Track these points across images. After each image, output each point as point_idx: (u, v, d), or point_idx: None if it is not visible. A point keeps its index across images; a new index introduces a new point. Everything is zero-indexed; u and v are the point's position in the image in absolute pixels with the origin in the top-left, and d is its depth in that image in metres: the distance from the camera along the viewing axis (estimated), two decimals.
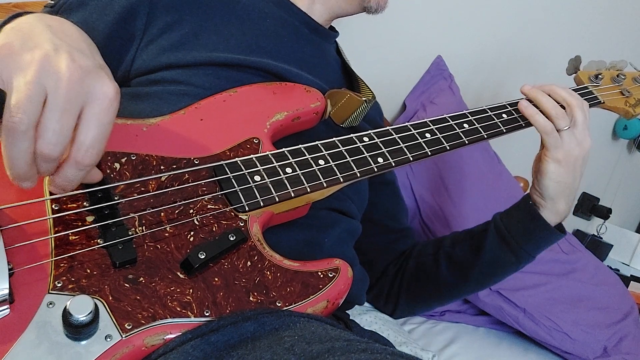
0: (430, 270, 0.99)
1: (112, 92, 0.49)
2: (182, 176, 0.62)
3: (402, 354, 0.49)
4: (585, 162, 0.88)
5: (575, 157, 0.86)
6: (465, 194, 1.45)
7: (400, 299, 1.05)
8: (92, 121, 0.48)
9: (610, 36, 2.35)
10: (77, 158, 0.48)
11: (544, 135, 0.85)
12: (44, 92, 0.46)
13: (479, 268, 0.94)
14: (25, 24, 0.53)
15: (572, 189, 0.88)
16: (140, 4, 0.75)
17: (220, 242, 0.59)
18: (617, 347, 1.48)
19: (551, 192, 0.87)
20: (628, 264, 2.70)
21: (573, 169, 0.86)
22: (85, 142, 0.48)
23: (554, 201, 0.88)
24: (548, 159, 0.86)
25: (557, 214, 0.89)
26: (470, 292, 1.04)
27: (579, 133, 0.86)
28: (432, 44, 1.74)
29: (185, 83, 0.73)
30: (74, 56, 0.49)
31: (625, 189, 2.87)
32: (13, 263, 0.50)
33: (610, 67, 1.05)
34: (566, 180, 0.86)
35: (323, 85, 0.84)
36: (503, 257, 0.92)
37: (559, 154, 0.85)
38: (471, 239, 0.96)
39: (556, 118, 0.85)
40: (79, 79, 0.47)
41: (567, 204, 0.89)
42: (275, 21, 0.84)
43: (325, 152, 0.70)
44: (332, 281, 0.61)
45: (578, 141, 0.86)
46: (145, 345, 0.51)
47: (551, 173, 0.86)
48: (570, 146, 0.85)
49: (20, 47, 0.48)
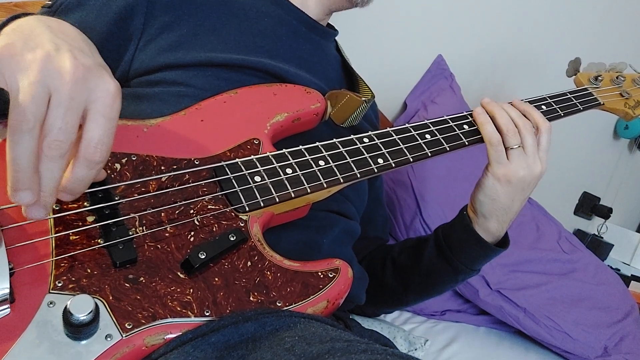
0: (378, 274, 0.97)
1: (114, 88, 0.49)
2: (183, 176, 0.63)
3: (402, 354, 0.49)
4: (531, 188, 0.82)
5: (518, 179, 0.80)
6: (466, 193, 1.45)
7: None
8: (98, 117, 0.48)
9: (610, 38, 2.35)
10: (87, 155, 0.48)
11: (489, 147, 0.81)
12: (48, 91, 0.46)
13: (418, 277, 0.92)
14: (26, 25, 0.53)
15: (507, 212, 0.82)
16: (138, 4, 0.75)
17: (220, 242, 0.59)
18: (618, 346, 1.48)
19: (484, 209, 0.83)
20: (629, 263, 2.70)
21: (513, 190, 0.81)
22: (94, 138, 0.48)
23: (485, 219, 0.84)
24: (487, 173, 0.82)
25: (487, 232, 0.85)
26: (412, 300, 1.00)
27: (529, 157, 0.81)
28: (433, 43, 1.74)
29: (185, 84, 0.73)
30: (75, 55, 0.49)
31: (626, 189, 2.87)
32: (14, 263, 0.50)
33: (609, 69, 1.05)
34: (503, 200, 0.81)
35: (322, 85, 0.84)
36: (440, 268, 0.89)
37: (499, 171, 0.80)
38: (415, 247, 0.94)
39: (506, 134, 0.80)
40: (82, 77, 0.47)
41: (500, 225, 0.84)
42: (273, 20, 0.84)
43: (325, 153, 0.70)
44: (332, 281, 0.61)
45: (527, 164, 0.80)
46: (146, 345, 0.51)
47: (487, 189, 0.82)
48: (516, 167, 0.80)
49: (22, 48, 0.48)
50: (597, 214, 2.66)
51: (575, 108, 0.94)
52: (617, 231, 2.72)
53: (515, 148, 0.80)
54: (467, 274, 0.89)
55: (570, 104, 0.94)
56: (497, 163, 0.80)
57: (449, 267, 0.88)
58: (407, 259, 0.94)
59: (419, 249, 0.92)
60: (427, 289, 0.95)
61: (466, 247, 0.86)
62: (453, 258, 0.87)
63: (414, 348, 1.20)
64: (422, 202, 1.46)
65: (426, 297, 1.00)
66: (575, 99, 0.95)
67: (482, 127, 0.81)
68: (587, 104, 0.96)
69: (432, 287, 0.94)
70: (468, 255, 0.86)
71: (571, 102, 0.94)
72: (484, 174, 0.83)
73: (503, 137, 0.80)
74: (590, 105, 0.97)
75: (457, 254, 0.87)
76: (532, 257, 1.57)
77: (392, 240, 1.43)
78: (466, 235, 0.85)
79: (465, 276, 0.90)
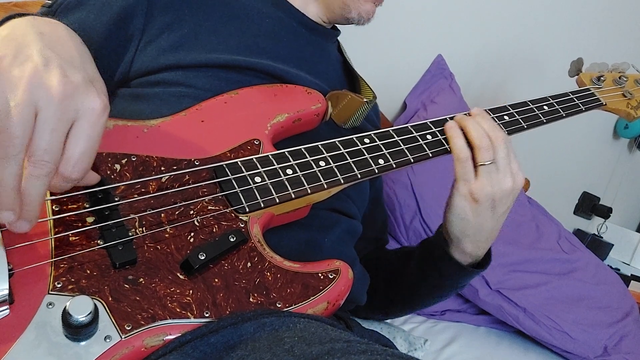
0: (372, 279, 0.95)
1: (100, 107, 0.49)
2: (183, 177, 0.62)
3: (402, 355, 0.49)
4: (506, 205, 0.76)
5: (486, 196, 0.74)
6: None
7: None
8: (81, 137, 0.48)
9: (613, 38, 2.35)
10: (64, 173, 0.48)
11: (456, 162, 0.75)
12: (34, 110, 0.46)
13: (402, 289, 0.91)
14: (18, 31, 0.52)
15: (480, 231, 0.77)
16: (138, 4, 0.75)
17: (220, 243, 0.59)
18: (618, 346, 1.48)
19: (455, 230, 0.78)
20: (629, 263, 2.70)
21: (483, 209, 0.75)
22: (74, 156, 0.48)
23: (458, 240, 0.78)
24: (455, 190, 0.77)
25: (464, 254, 0.80)
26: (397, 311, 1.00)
27: (499, 172, 0.75)
28: (433, 43, 1.74)
29: (186, 85, 0.73)
30: (64, 70, 0.48)
31: (626, 188, 2.87)
32: (13, 264, 0.50)
33: (612, 69, 1.05)
34: (472, 219, 0.76)
35: (323, 85, 0.84)
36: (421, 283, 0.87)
37: (464, 188, 0.75)
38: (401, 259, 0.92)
39: (479, 148, 0.74)
40: (69, 95, 0.47)
41: (475, 245, 0.79)
42: (273, 21, 0.84)
43: (326, 154, 0.70)
44: (332, 282, 0.61)
45: (496, 180, 0.74)
46: (145, 346, 0.51)
47: (455, 207, 0.77)
48: (483, 184, 0.74)
49: (10, 62, 0.48)
50: (597, 213, 2.67)
51: (578, 108, 0.94)
52: (617, 231, 2.73)
53: (487, 164, 0.74)
54: (450, 291, 0.87)
55: (572, 104, 0.94)
56: (463, 180, 0.75)
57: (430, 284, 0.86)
58: (393, 272, 0.93)
59: (404, 263, 0.90)
60: (413, 302, 0.94)
61: (443, 268, 0.82)
62: (432, 277, 0.84)
63: (413, 348, 1.20)
64: (422, 202, 1.46)
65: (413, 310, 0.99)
66: (578, 100, 0.95)
67: (452, 141, 0.77)
68: (590, 104, 0.96)
69: (418, 300, 0.92)
70: (445, 275, 0.83)
71: (573, 102, 0.94)
72: (451, 192, 0.78)
73: (475, 151, 0.75)
74: (593, 106, 0.97)
75: (435, 274, 0.84)
76: (532, 257, 1.58)
77: (392, 240, 1.43)
78: (442, 256, 0.81)
79: (450, 292, 0.88)
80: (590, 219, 2.75)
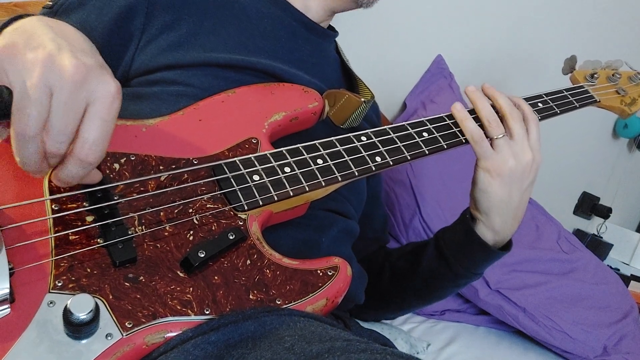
0: (375, 279, 0.96)
1: (114, 89, 0.50)
2: (181, 176, 0.63)
3: (401, 354, 0.49)
4: (529, 178, 0.80)
5: (509, 169, 0.77)
6: (465, 192, 1.45)
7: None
8: (96, 119, 0.49)
9: (607, 36, 2.35)
10: (80, 155, 0.49)
11: (472, 144, 0.78)
12: (49, 91, 0.47)
13: (416, 282, 0.91)
14: (27, 24, 0.53)
15: (507, 205, 0.79)
16: (138, 4, 0.75)
17: (219, 241, 0.59)
18: (617, 346, 1.48)
19: (483, 206, 0.80)
20: (628, 263, 2.70)
21: (508, 182, 0.78)
22: (89, 139, 0.49)
23: (487, 216, 0.80)
24: (478, 167, 0.79)
25: (493, 231, 0.82)
26: (409, 306, 1.00)
27: (517, 145, 0.78)
28: (432, 43, 1.74)
29: (184, 84, 0.73)
30: (76, 55, 0.49)
31: (625, 188, 2.87)
32: (13, 263, 0.50)
33: (605, 66, 1.05)
34: (499, 193, 0.78)
35: (321, 85, 0.84)
36: (440, 273, 0.87)
37: (487, 163, 0.78)
38: (414, 252, 0.93)
39: (488, 125, 0.78)
40: (83, 77, 0.48)
41: (505, 221, 0.81)
42: (272, 21, 0.84)
43: (323, 152, 0.70)
44: (331, 279, 0.61)
45: (514, 152, 0.78)
46: (146, 344, 0.51)
47: (481, 183, 0.79)
48: (504, 157, 0.77)
49: (23, 47, 0.49)
50: (596, 213, 2.66)
51: (572, 105, 0.94)
52: (616, 231, 2.73)
53: (500, 137, 0.78)
54: (469, 278, 0.87)
55: (566, 101, 0.94)
56: (484, 158, 0.78)
57: (450, 272, 0.86)
58: (405, 264, 0.93)
59: (418, 254, 0.90)
60: (426, 295, 0.94)
61: (468, 250, 0.84)
62: (454, 262, 0.84)
63: (415, 351, 1.19)
64: (421, 200, 1.46)
65: (425, 303, 0.98)
66: (572, 97, 0.95)
67: (462, 123, 0.79)
68: (583, 101, 0.96)
69: (432, 292, 0.93)
70: (470, 259, 0.84)
71: (567, 99, 0.94)
72: (475, 169, 0.80)
73: (485, 128, 0.79)
74: (586, 103, 0.97)
75: (458, 258, 0.84)
76: (531, 257, 1.58)
77: (392, 240, 1.43)
78: (468, 239, 0.83)
79: (467, 280, 0.88)
80: (590, 219, 2.74)
